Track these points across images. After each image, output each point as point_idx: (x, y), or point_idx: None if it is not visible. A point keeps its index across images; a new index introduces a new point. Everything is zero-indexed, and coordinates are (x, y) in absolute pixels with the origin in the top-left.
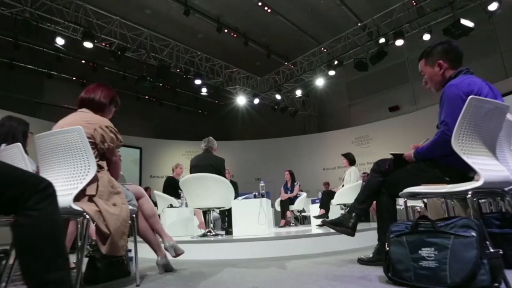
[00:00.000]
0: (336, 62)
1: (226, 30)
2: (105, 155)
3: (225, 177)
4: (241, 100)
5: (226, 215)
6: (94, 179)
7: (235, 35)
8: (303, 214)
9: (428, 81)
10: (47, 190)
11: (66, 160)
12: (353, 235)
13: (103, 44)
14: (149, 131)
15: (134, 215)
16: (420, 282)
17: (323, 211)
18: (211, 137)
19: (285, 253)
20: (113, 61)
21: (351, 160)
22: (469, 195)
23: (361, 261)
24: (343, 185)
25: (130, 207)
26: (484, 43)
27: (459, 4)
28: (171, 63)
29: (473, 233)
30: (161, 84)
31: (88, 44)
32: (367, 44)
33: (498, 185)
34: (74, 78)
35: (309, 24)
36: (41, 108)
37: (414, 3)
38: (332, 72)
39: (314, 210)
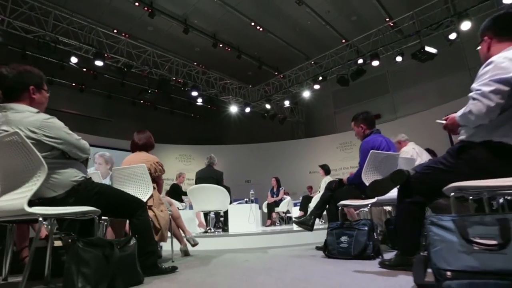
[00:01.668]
0: (320, 78)
1: (221, 45)
2: (155, 179)
3: (223, 186)
4: (233, 109)
5: (221, 216)
6: (151, 196)
7: (229, 49)
8: (287, 215)
9: (356, 135)
10: (145, 206)
11: (135, 184)
12: (311, 230)
13: (109, 57)
14: None
15: (170, 217)
16: (339, 255)
17: (302, 213)
18: (212, 155)
19: (268, 244)
20: (113, 69)
21: (326, 170)
22: (369, 207)
23: (317, 248)
24: (319, 191)
25: (169, 212)
26: (454, 60)
27: (425, 33)
28: (170, 77)
29: (366, 228)
30: (156, 90)
31: (98, 63)
32: (349, 63)
33: (388, 201)
34: (73, 84)
35: (297, 41)
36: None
37: (391, 25)
38: (317, 86)
39: (296, 212)
